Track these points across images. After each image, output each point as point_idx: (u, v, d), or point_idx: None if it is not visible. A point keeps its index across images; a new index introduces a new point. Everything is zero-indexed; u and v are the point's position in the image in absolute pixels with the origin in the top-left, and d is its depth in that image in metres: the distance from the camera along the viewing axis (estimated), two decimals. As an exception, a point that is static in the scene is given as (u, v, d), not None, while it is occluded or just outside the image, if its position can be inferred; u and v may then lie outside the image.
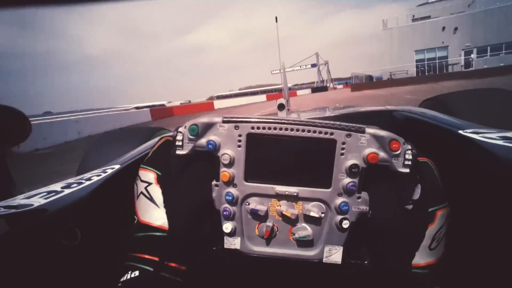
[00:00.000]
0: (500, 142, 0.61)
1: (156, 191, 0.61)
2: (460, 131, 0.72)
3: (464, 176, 0.67)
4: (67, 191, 0.62)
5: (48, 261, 0.52)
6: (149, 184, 0.61)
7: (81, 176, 0.73)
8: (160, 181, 0.61)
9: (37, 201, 0.57)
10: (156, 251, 0.57)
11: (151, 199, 0.60)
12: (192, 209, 0.60)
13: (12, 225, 0.50)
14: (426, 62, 28.87)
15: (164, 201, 0.60)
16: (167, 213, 0.59)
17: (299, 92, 50.12)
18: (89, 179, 0.68)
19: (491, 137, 0.65)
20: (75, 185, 0.65)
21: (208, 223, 0.64)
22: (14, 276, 0.45)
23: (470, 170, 0.66)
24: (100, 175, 0.69)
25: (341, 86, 53.59)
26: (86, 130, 11.01)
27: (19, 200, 0.59)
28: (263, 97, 40.64)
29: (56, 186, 0.66)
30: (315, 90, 48.41)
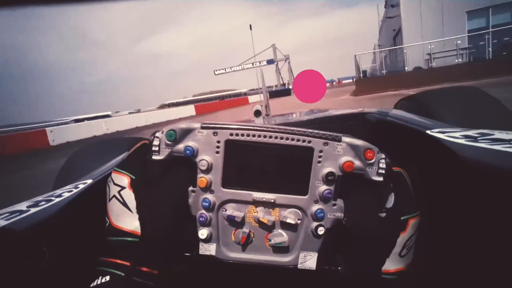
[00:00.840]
0: (463, 141, 0.66)
1: (130, 196, 0.63)
2: (428, 131, 0.77)
3: (432, 177, 0.73)
4: (33, 209, 0.64)
5: (15, 285, 0.53)
6: (123, 188, 0.63)
7: (51, 193, 0.77)
8: (133, 185, 0.63)
9: None
10: (128, 256, 0.60)
11: (124, 203, 0.62)
12: (166, 214, 0.63)
13: None
14: (491, 30, 14.68)
15: (137, 206, 0.63)
16: (139, 218, 0.62)
17: (252, 99, 41.88)
18: (59, 195, 0.71)
19: (454, 136, 0.71)
20: (43, 203, 0.68)
21: (185, 229, 0.68)
22: None
23: (436, 170, 0.72)
24: (71, 191, 0.73)
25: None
26: None
27: None
28: (191, 109, 27.54)
29: (21, 206, 0.68)
30: (274, 94, 41.55)
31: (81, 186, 0.73)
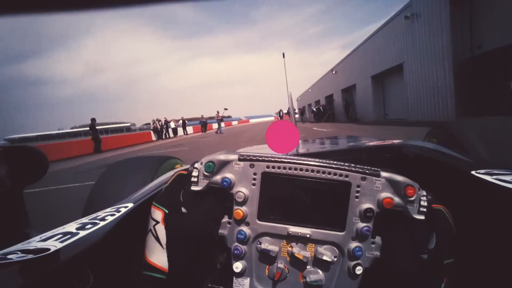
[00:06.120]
0: None
1: (162, 231, 0.64)
2: (473, 172, 0.73)
3: (476, 221, 0.67)
4: (82, 232, 0.67)
5: None
6: (157, 223, 0.65)
7: (95, 215, 0.81)
8: (166, 220, 0.65)
9: (53, 244, 0.60)
10: None
11: (157, 238, 0.64)
12: (194, 250, 0.62)
13: (29, 271, 0.53)
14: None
15: (167, 242, 0.63)
16: (168, 255, 0.63)
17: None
18: (103, 219, 0.74)
19: (505, 179, 0.65)
20: (89, 225, 0.71)
21: (219, 262, 0.67)
22: None
23: (481, 215, 0.67)
24: (114, 215, 0.75)
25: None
26: None
27: (35, 243, 0.61)
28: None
29: (71, 227, 0.72)
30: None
31: (123, 210, 0.75)
